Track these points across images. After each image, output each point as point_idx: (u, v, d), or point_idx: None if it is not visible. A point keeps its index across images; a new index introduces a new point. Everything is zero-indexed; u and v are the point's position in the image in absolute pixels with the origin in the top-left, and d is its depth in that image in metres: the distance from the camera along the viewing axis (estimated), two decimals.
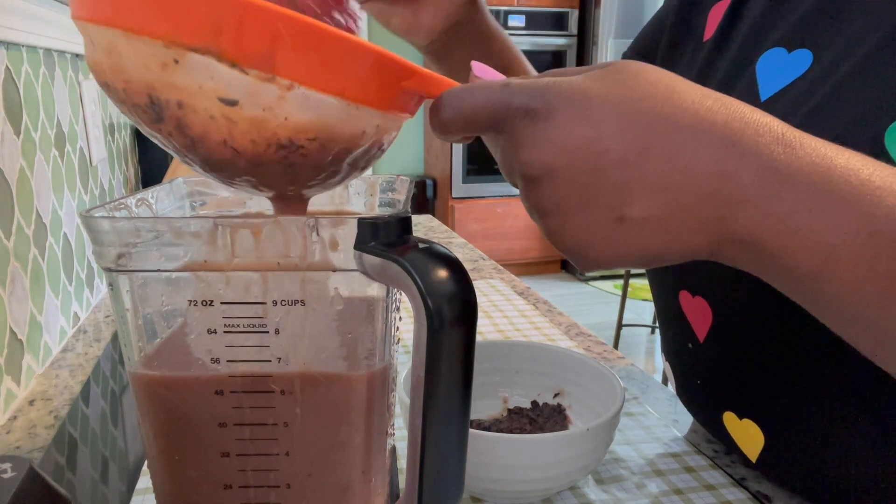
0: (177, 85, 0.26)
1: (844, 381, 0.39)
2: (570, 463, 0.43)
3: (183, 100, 0.27)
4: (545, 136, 0.30)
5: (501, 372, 0.56)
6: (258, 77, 0.26)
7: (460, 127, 0.33)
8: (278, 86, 0.26)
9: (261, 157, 0.28)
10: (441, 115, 0.33)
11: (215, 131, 0.27)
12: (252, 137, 0.27)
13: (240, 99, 0.26)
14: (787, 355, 0.42)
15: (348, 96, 0.28)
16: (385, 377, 0.32)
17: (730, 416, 0.48)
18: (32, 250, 0.67)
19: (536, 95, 0.31)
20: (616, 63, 0.32)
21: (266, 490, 0.32)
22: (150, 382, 0.31)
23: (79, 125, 0.88)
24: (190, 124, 0.27)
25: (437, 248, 0.27)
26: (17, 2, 0.66)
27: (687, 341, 0.51)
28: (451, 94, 0.32)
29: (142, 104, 0.27)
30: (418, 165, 4.09)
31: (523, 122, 0.31)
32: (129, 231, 0.28)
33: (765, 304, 0.42)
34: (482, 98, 0.32)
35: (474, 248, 1.17)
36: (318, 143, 0.28)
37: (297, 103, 0.27)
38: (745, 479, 0.51)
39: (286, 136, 0.28)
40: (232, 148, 0.28)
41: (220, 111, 0.27)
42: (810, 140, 0.29)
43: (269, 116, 0.27)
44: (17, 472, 0.32)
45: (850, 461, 0.41)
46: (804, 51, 0.42)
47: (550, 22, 3.72)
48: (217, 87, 0.26)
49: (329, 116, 0.28)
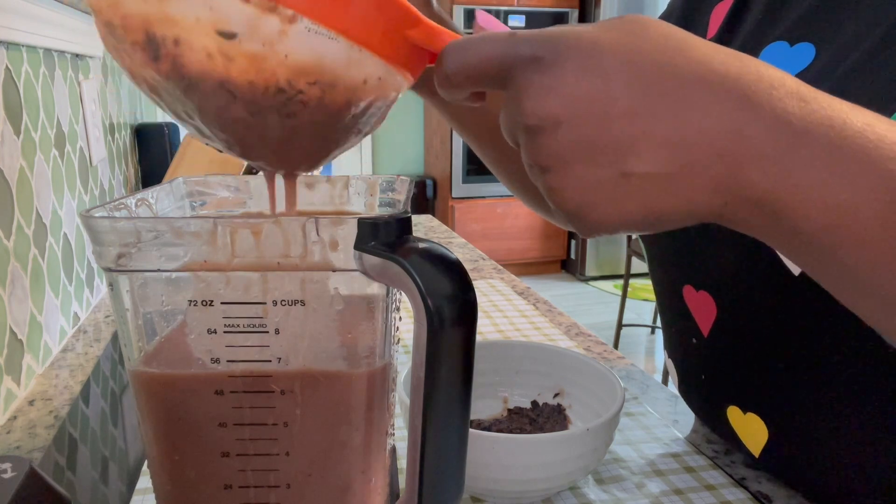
0: (173, 17, 0.26)
1: (849, 374, 0.39)
2: (570, 463, 0.43)
3: (179, 35, 0.26)
4: (551, 85, 0.29)
5: (501, 372, 0.56)
6: (260, 6, 0.25)
7: (465, 79, 0.32)
8: (280, 17, 0.26)
9: (258, 102, 0.27)
10: (446, 68, 0.32)
11: (212, 70, 0.26)
12: (250, 77, 0.27)
13: (239, 32, 0.26)
14: (792, 349, 0.42)
15: (352, 36, 0.27)
16: (385, 376, 0.32)
17: (734, 411, 0.48)
18: (32, 250, 0.67)
19: (544, 43, 0.30)
20: (628, 15, 0.31)
21: (266, 490, 0.32)
22: (151, 382, 0.31)
23: (79, 125, 0.88)
24: (187, 63, 0.27)
25: (437, 248, 0.27)
26: (17, 2, 0.66)
27: (691, 336, 0.51)
28: (456, 45, 0.31)
29: (139, 41, 0.27)
30: (418, 165, 4.09)
31: (529, 70, 0.30)
32: (129, 231, 0.28)
33: (769, 297, 0.42)
34: (488, 48, 0.31)
35: (474, 248, 1.17)
36: (319, 87, 0.28)
37: (299, 40, 0.26)
38: (745, 479, 0.51)
39: (285, 76, 0.27)
40: (229, 91, 0.27)
41: (218, 47, 0.26)
42: (824, 96, 0.28)
43: (269, 53, 0.26)
44: (17, 472, 0.32)
45: (854, 456, 0.41)
46: (807, 44, 0.42)
47: (550, 22, 3.72)
48: (216, 19, 0.25)
49: (331, 57, 0.27)
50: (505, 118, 0.33)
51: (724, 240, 0.45)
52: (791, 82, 0.29)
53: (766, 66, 0.29)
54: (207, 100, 0.28)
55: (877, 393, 0.39)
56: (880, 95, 0.36)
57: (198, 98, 0.28)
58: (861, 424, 0.40)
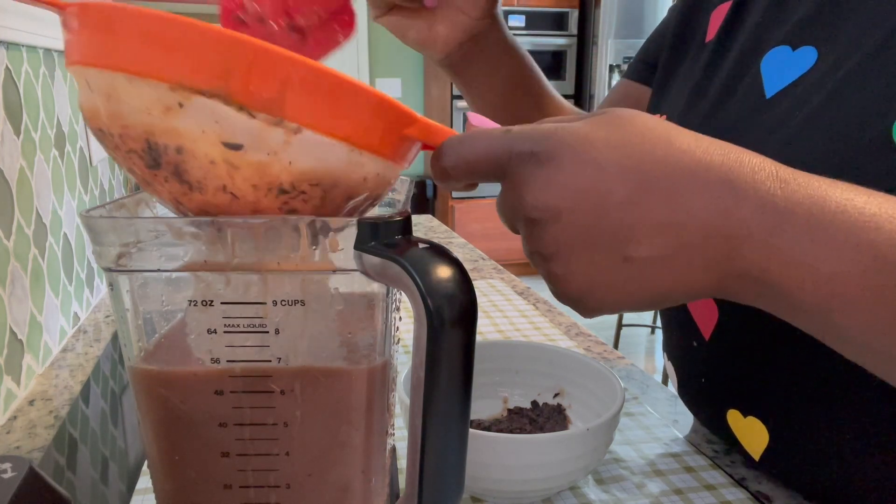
0: (178, 129, 0.26)
1: (850, 378, 0.39)
2: (570, 463, 0.43)
3: (183, 144, 0.26)
4: (550, 179, 0.31)
5: (501, 372, 0.56)
6: (266, 121, 0.26)
7: (462, 173, 0.33)
8: (285, 129, 0.26)
9: (260, 202, 0.28)
10: (443, 163, 0.33)
11: (215, 176, 0.27)
12: (254, 182, 0.27)
13: (245, 143, 0.26)
14: (793, 352, 0.42)
15: (353, 141, 0.28)
16: (385, 374, 0.32)
17: (734, 414, 0.48)
18: (32, 250, 0.67)
19: (539, 140, 0.31)
20: (613, 110, 0.32)
21: (266, 490, 0.32)
22: (150, 380, 0.31)
23: (79, 125, 0.88)
24: (189, 169, 0.27)
25: (437, 248, 0.27)
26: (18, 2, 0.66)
27: (691, 339, 0.51)
28: (453, 141, 0.33)
29: (138, 149, 0.27)
30: (418, 165, 4.09)
31: (527, 165, 0.31)
32: (129, 231, 0.28)
33: None
34: (484, 144, 0.32)
35: (474, 248, 1.17)
36: (321, 188, 0.28)
37: (303, 147, 0.27)
38: (745, 479, 0.51)
39: (289, 180, 0.27)
40: (231, 193, 0.27)
41: (222, 156, 0.26)
42: (803, 176, 0.30)
43: (273, 161, 0.27)
44: (17, 472, 0.32)
45: (854, 459, 0.41)
46: (809, 48, 0.42)
47: (550, 22, 3.72)
48: (222, 132, 0.26)
49: (333, 161, 0.28)
50: (504, 208, 0.35)
51: None
52: (770, 166, 0.30)
53: (746, 152, 0.31)
54: (208, 199, 0.28)
55: (877, 397, 0.39)
56: (880, 100, 0.36)
57: (198, 197, 0.28)
58: (861, 429, 0.40)
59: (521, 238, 0.34)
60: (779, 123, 0.41)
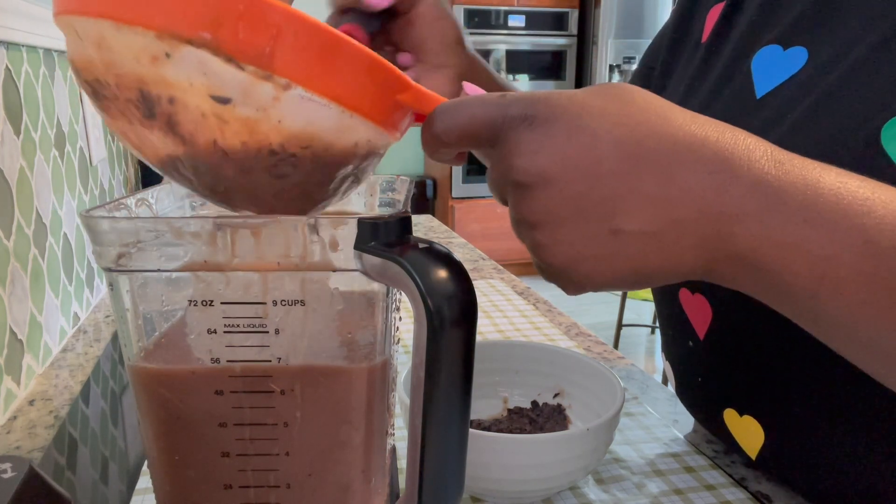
0: (167, 80, 0.25)
1: (845, 377, 0.39)
2: (570, 463, 0.43)
3: (174, 95, 0.26)
4: (541, 143, 0.30)
5: (501, 372, 0.56)
6: (254, 74, 0.25)
7: (454, 138, 0.32)
8: (274, 85, 0.26)
9: (250, 162, 0.27)
10: (435, 128, 0.32)
11: (206, 130, 0.27)
12: (243, 139, 0.27)
13: (233, 97, 0.26)
14: (788, 352, 0.42)
15: (344, 102, 0.27)
16: (385, 373, 0.32)
17: (730, 414, 0.48)
18: (32, 250, 0.67)
19: (535, 103, 0.31)
20: (614, 83, 0.32)
21: (266, 490, 0.32)
22: (150, 379, 0.31)
23: (79, 125, 0.88)
24: (181, 121, 0.27)
25: (437, 248, 0.27)
26: (17, 2, 0.66)
27: (687, 339, 0.51)
28: (447, 105, 0.32)
29: (133, 98, 0.27)
30: (418, 165, 4.09)
31: (519, 128, 0.31)
32: (129, 231, 0.28)
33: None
34: (478, 109, 0.32)
35: (474, 248, 1.17)
36: (311, 151, 0.28)
37: (292, 106, 0.26)
38: (745, 479, 0.51)
39: (278, 141, 0.27)
40: (222, 150, 0.27)
41: (212, 109, 0.26)
42: (798, 158, 0.30)
43: (262, 118, 0.26)
44: (17, 472, 0.32)
45: (851, 458, 0.41)
46: (799, 48, 0.42)
47: (550, 22, 3.72)
48: (210, 84, 0.25)
49: (323, 123, 0.27)
50: (493, 176, 0.34)
51: None
52: (766, 146, 0.30)
53: (742, 132, 0.30)
54: (200, 155, 0.28)
55: (873, 395, 0.39)
56: (869, 103, 0.36)
57: (191, 153, 0.28)
58: (857, 427, 0.40)
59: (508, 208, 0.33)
60: (769, 125, 0.41)
